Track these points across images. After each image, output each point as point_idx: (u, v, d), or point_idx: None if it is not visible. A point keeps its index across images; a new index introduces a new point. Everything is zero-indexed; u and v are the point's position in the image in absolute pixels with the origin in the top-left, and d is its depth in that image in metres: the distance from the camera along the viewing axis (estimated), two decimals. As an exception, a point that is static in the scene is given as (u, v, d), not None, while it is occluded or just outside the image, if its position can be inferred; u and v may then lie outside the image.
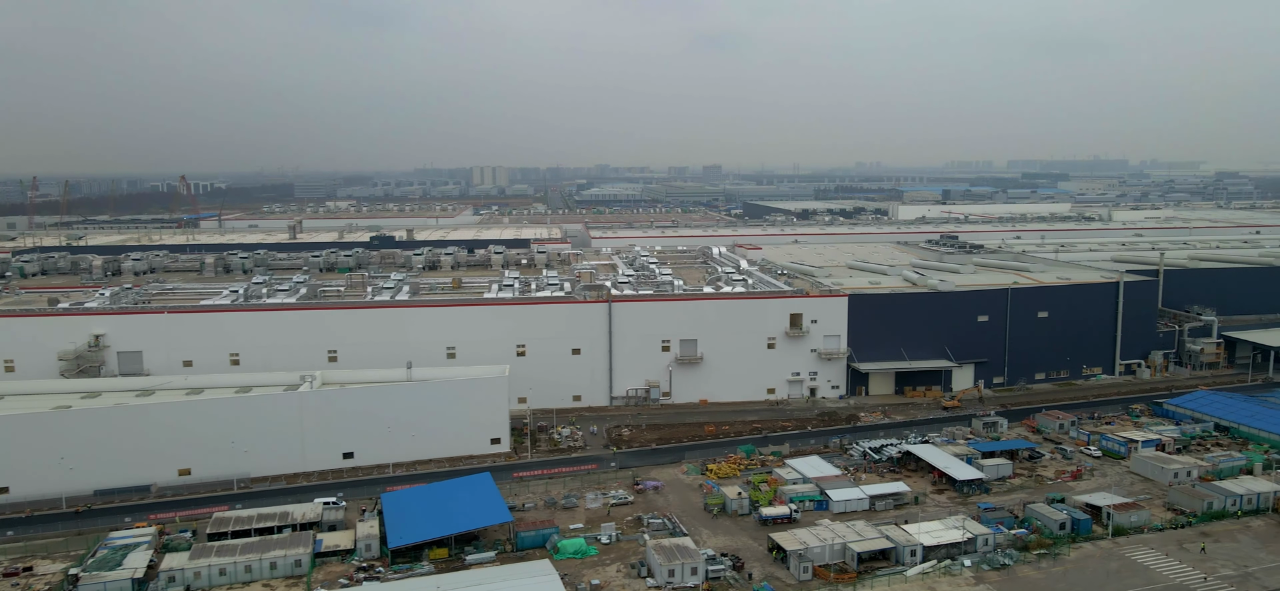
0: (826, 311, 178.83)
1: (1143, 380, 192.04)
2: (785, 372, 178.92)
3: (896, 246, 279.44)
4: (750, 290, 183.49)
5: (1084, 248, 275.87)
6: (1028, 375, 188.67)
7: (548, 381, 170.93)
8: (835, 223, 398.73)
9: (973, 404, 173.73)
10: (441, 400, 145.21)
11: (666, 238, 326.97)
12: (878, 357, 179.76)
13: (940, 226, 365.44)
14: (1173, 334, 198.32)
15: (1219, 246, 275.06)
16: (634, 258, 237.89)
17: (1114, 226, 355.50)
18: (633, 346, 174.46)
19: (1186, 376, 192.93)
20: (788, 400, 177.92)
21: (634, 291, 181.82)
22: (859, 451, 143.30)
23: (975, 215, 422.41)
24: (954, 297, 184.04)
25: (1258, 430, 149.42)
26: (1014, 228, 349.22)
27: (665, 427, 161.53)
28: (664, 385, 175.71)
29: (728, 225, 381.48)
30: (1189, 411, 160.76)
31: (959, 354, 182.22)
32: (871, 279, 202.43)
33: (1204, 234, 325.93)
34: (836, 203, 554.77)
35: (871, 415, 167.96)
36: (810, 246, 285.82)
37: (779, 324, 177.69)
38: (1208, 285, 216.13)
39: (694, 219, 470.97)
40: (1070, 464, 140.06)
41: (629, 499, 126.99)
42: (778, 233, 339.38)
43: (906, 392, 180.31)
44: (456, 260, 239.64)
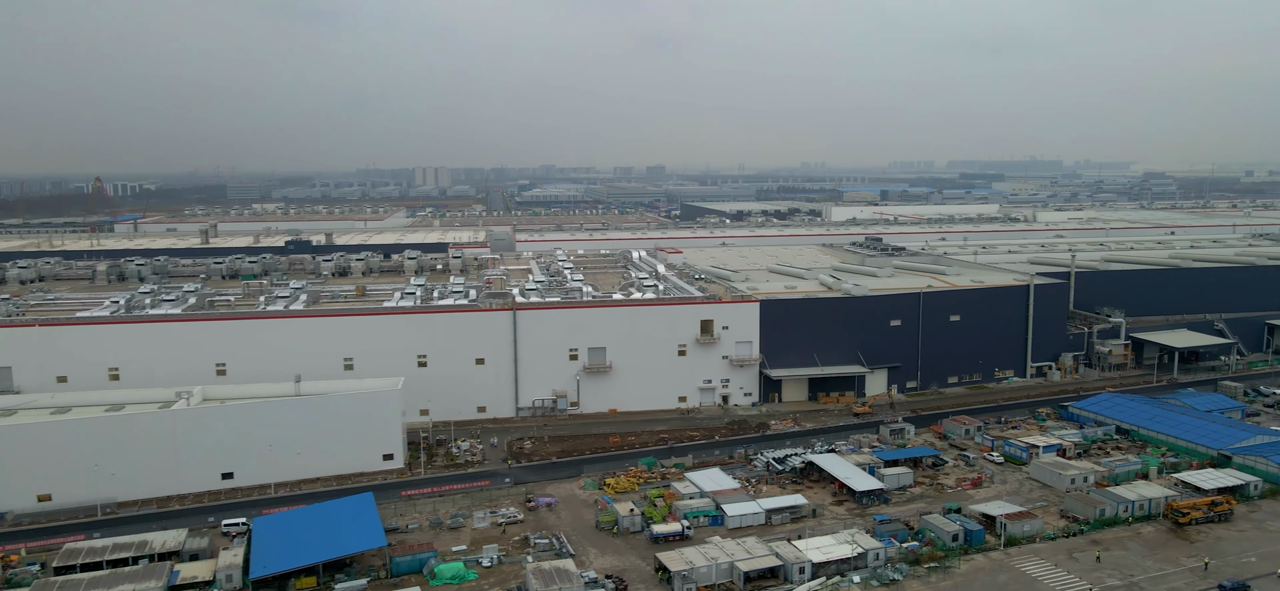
0: (738, 317, 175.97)
1: (1053, 382, 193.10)
2: (697, 380, 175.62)
3: (821, 249, 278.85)
4: (661, 296, 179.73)
5: (1004, 249, 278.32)
6: (941, 379, 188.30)
7: (451, 392, 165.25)
8: (767, 224, 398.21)
9: (883, 409, 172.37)
10: (329, 415, 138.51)
11: (593, 240, 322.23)
12: (791, 364, 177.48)
13: (869, 228, 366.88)
14: (1083, 336, 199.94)
15: (1133, 248, 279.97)
16: (550, 262, 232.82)
17: (1037, 227, 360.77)
18: (539, 355, 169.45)
19: (1095, 378, 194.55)
20: (699, 408, 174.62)
21: (541, 298, 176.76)
22: (763, 462, 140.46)
23: (905, 216, 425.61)
24: (867, 302, 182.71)
25: (1156, 433, 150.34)
26: (940, 229, 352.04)
27: (570, 439, 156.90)
28: (572, 395, 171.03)
29: (659, 227, 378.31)
30: (1093, 415, 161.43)
31: (872, 359, 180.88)
32: (788, 283, 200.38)
33: (1121, 235, 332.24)
34: (771, 204, 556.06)
35: (782, 423, 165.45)
36: (736, 249, 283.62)
37: (690, 331, 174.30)
38: (1118, 286, 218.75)
39: (629, 220, 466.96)
40: (973, 471, 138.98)
41: (519, 517, 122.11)
42: (707, 235, 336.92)
43: (820, 399, 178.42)
44: (368, 266, 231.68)
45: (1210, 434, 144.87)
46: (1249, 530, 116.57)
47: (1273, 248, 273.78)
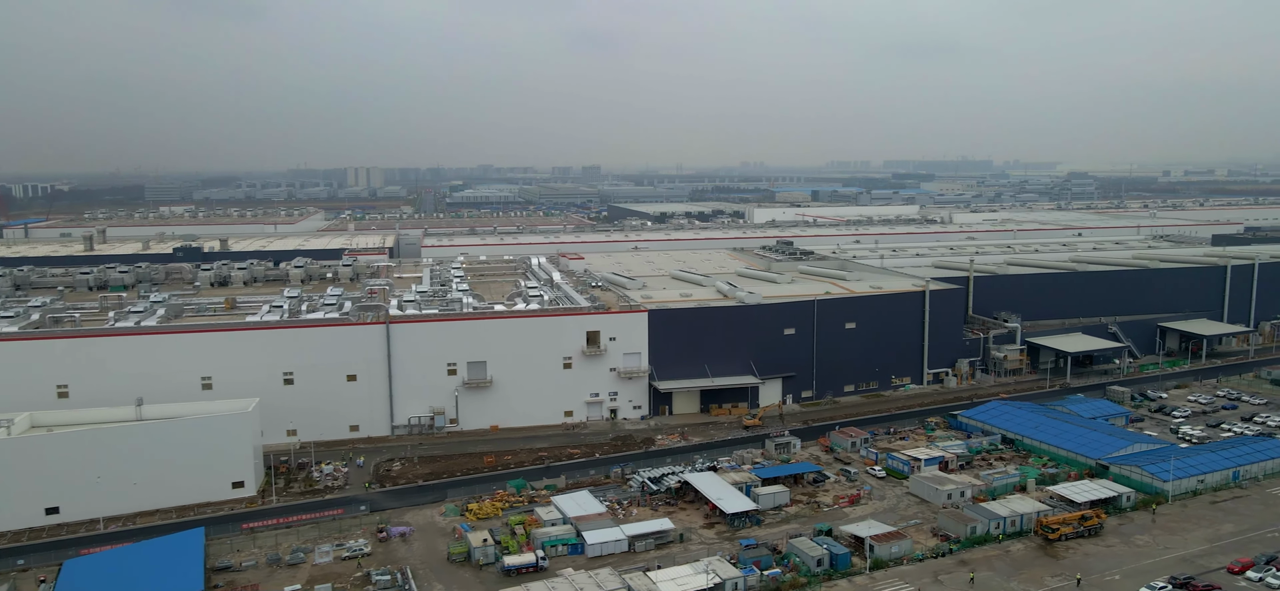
0: (626, 328, 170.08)
1: (950, 389, 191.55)
2: (584, 394, 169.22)
3: (732, 253, 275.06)
4: (546, 307, 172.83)
5: (914, 252, 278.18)
6: (836, 387, 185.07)
7: (320, 411, 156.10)
8: (686, 227, 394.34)
9: (774, 422, 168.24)
10: (172, 442, 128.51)
11: (504, 244, 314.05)
12: (681, 375, 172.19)
13: (788, 230, 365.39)
14: (979, 341, 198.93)
15: (1038, 250, 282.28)
16: (443, 270, 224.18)
17: (951, 229, 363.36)
18: (415, 371, 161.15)
19: (991, 384, 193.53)
20: (586, 423, 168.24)
21: (419, 310, 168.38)
22: (638, 482, 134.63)
23: (825, 218, 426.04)
24: (760, 310, 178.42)
25: (1038, 442, 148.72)
26: (857, 232, 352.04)
27: (442, 460, 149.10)
28: (451, 411, 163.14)
29: (576, 231, 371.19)
30: (980, 424, 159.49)
31: (765, 368, 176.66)
32: (685, 291, 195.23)
33: (1030, 237, 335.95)
34: (697, 205, 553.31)
35: (669, 437, 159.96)
36: (645, 255, 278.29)
37: (576, 342, 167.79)
38: (1016, 291, 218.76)
39: (552, 222, 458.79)
40: (853, 486, 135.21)
41: (367, 550, 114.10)
42: (622, 239, 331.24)
43: (712, 411, 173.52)
44: (253, 274, 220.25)
45: (1090, 443, 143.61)
46: (1117, 545, 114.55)
47: (1170, 249, 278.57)
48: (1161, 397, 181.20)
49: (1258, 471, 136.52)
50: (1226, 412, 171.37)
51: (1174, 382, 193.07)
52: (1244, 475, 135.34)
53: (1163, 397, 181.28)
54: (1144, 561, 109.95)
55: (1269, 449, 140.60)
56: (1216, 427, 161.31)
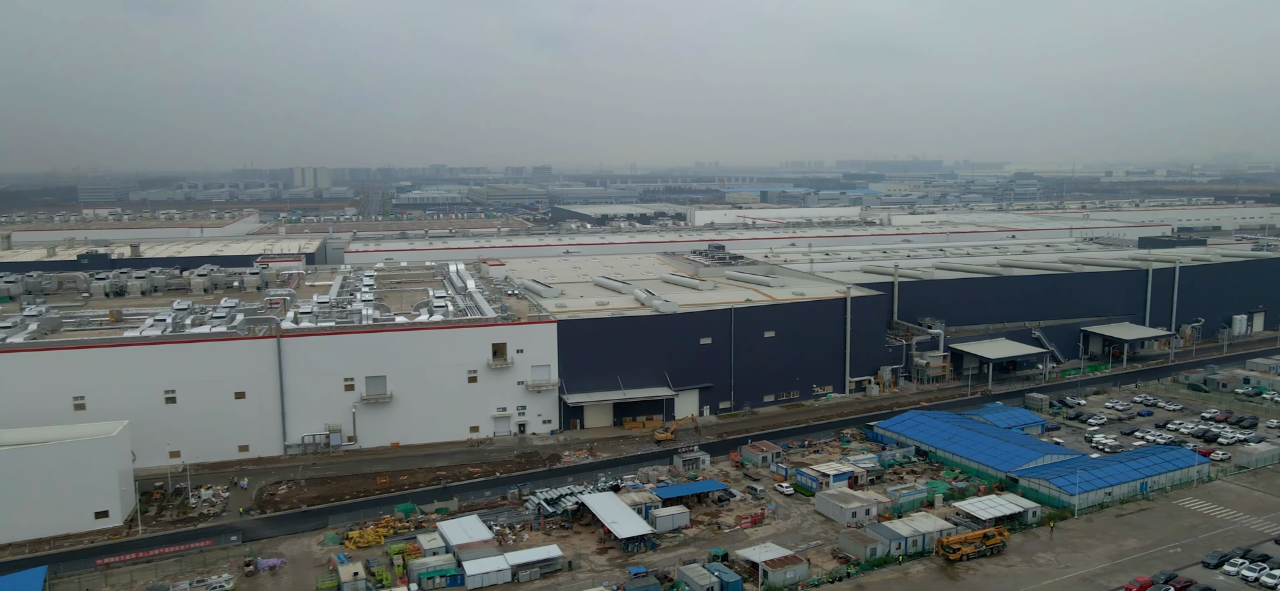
0: (534, 340, 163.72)
1: (872, 397, 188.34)
2: (490, 408, 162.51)
3: (662, 257, 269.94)
4: (451, 318, 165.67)
5: (846, 255, 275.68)
6: (756, 398, 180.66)
7: (206, 431, 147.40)
8: (625, 229, 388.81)
9: (688, 435, 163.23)
10: (26, 470, 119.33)
11: (433, 249, 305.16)
12: (592, 388, 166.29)
13: (727, 233, 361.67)
14: (901, 348, 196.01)
15: (970, 253, 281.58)
16: (353, 279, 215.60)
17: (888, 232, 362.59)
18: (310, 387, 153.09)
19: (913, 392, 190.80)
20: (492, 439, 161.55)
21: (315, 323, 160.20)
22: (534, 504, 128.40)
23: (765, 220, 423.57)
24: (675, 320, 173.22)
25: (951, 454, 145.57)
26: (794, 234, 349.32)
27: (334, 481, 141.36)
28: (348, 429, 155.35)
29: (510, 233, 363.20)
30: (895, 435, 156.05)
31: (681, 379, 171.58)
32: (603, 299, 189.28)
33: (964, 239, 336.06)
34: (640, 207, 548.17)
35: (577, 453, 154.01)
36: (574, 260, 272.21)
37: (481, 355, 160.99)
38: (942, 296, 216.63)
39: (490, 225, 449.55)
40: (759, 504, 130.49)
41: (229, 586, 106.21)
42: (555, 243, 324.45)
43: (625, 424, 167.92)
44: (153, 283, 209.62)
45: (1001, 455, 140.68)
46: (1018, 565, 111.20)
47: (1098, 252, 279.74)
48: (1080, 404, 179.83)
49: (1165, 482, 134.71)
50: (1141, 419, 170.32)
51: (1093, 388, 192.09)
52: (1152, 486, 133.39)
53: (1081, 404, 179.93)
54: (1043, 582, 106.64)
55: (1177, 458, 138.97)
56: (1130, 435, 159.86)
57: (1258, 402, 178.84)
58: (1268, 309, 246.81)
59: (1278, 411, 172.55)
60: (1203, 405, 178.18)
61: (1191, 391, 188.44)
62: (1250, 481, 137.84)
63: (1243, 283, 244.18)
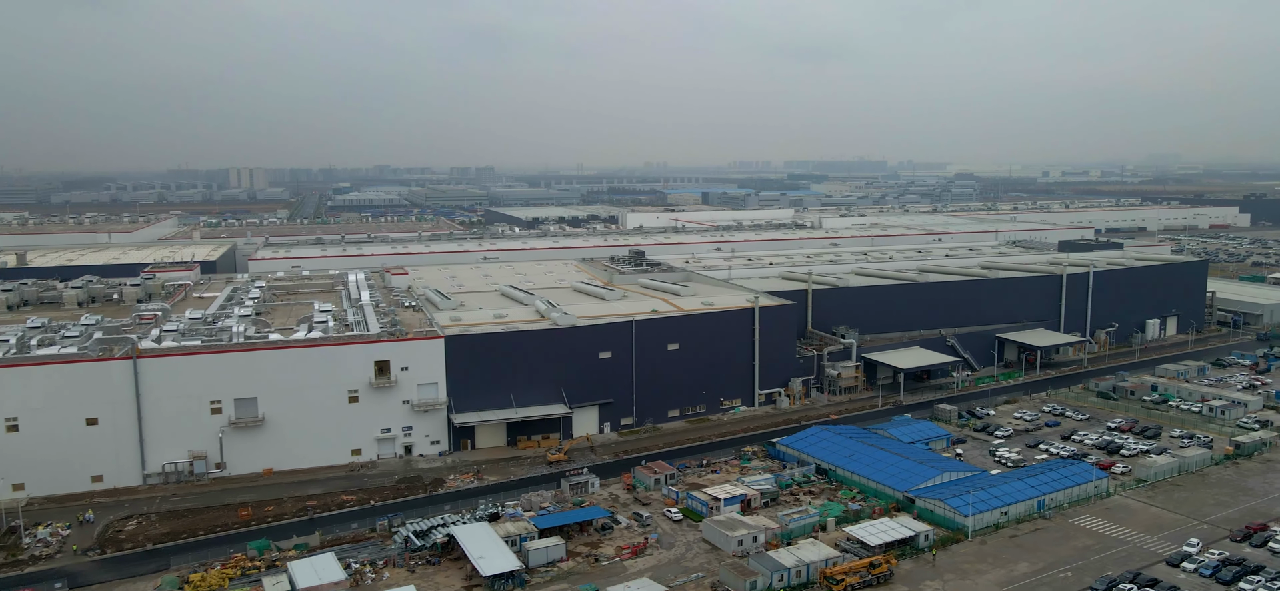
0: (420, 356, 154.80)
1: (782, 410, 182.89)
2: (374, 429, 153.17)
3: (579, 264, 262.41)
4: (329, 334, 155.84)
5: (769, 260, 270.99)
6: (660, 413, 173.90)
7: (53, 462, 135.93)
8: (558, 233, 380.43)
9: (582, 454, 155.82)
10: None
11: (345, 257, 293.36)
12: (483, 406, 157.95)
13: (655, 237, 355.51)
14: (812, 359, 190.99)
15: (893, 258, 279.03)
16: (241, 290, 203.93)
17: (817, 235, 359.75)
18: (172, 410, 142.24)
19: (824, 404, 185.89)
20: (375, 462, 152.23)
21: (180, 341, 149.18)
22: (402, 537, 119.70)
23: (696, 223, 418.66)
24: (572, 333, 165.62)
25: (851, 473, 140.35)
26: (721, 238, 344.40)
27: (192, 514, 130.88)
28: (215, 455, 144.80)
29: (431, 238, 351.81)
30: (796, 453, 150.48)
31: (578, 395, 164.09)
32: (501, 311, 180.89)
33: (889, 244, 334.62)
34: (573, 209, 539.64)
35: (463, 477, 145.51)
36: (487, 267, 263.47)
37: (363, 373, 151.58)
38: (857, 303, 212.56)
39: (411, 229, 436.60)
40: (644, 532, 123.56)
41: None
42: (475, 248, 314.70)
43: (519, 444, 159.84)
44: (22, 296, 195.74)
45: (900, 473, 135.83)
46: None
47: (1019, 256, 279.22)
48: (989, 415, 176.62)
49: (1063, 499, 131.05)
50: (1048, 430, 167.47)
51: (1004, 398, 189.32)
52: (1049, 504, 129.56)
53: (990, 415, 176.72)
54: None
55: (1075, 473, 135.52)
56: (1035, 448, 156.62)
57: (1163, 410, 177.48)
58: (1180, 313, 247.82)
59: (1182, 419, 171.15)
60: (1110, 414, 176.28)
61: (1100, 399, 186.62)
62: (1149, 495, 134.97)
63: (1156, 287, 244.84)
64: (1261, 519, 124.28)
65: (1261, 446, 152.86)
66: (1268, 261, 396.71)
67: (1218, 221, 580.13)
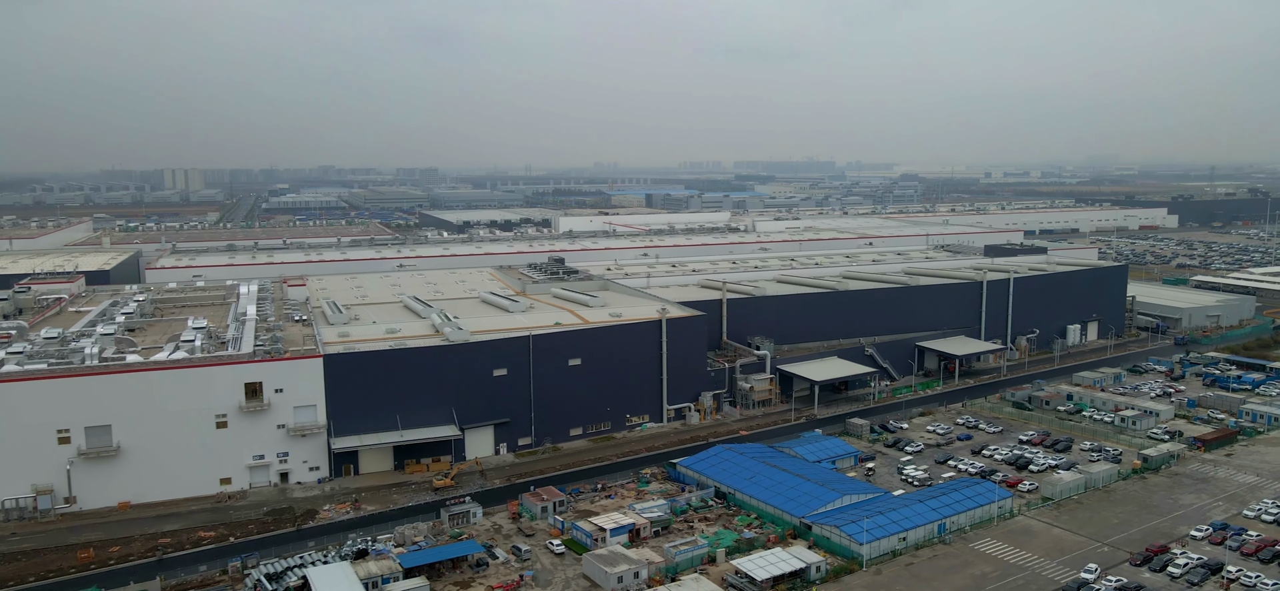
0: (297, 376, 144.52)
1: (692, 426, 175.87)
2: (245, 457, 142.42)
3: (494, 272, 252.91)
4: (195, 356, 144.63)
5: (693, 266, 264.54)
6: (560, 432, 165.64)
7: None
8: (488, 238, 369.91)
9: (472, 479, 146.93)
10: None
11: (256, 265, 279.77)
12: (367, 428, 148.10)
13: (583, 242, 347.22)
14: (723, 372, 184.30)
15: (820, 263, 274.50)
16: (117, 305, 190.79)
17: (748, 240, 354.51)
18: (12, 440, 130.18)
19: (736, 419, 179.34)
20: (246, 492, 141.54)
21: (23, 364, 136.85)
22: (253, 580, 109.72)
23: (628, 227, 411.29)
24: (464, 350, 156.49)
25: (751, 497, 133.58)
26: (649, 244, 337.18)
27: (26, 558, 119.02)
28: (64, 488, 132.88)
29: (351, 245, 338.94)
30: (696, 475, 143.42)
31: (472, 415, 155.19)
32: (394, 326, 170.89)
33: (817, 249, 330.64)
34: (505, 213, 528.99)
35: (340, 507, 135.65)
36: (398, 276, 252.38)
37: (232, 397, 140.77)
38: (774, 313, 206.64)
39: (330, 234, 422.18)
40: (524, 566, 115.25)
41: None
42: (393, 255, 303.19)
43: (408, 468, 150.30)
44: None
45: (800, 496, 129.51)
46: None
47: (946, 261, 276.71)
48: (902, 428, 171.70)
49: (965, 521, 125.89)
50: (960, 444, 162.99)
51: (919, 410, 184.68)
52: (951, 527, 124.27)
53: (903, 428, 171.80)
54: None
55: (979, 494, 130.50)
56: (944, 464, 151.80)
57: (1077, 421, 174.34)
58: (1101, 318, 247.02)
59: (1094, 430, 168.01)
60: (1024, 425, 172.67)
61: (1016, 410, 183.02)
62: (1053, 515, 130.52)
63: (1077, 292, 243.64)
64: (1162, 540, 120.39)
65: (1169, 459, 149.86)
66: (1192, 263, 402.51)
67: (1147, 223, 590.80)
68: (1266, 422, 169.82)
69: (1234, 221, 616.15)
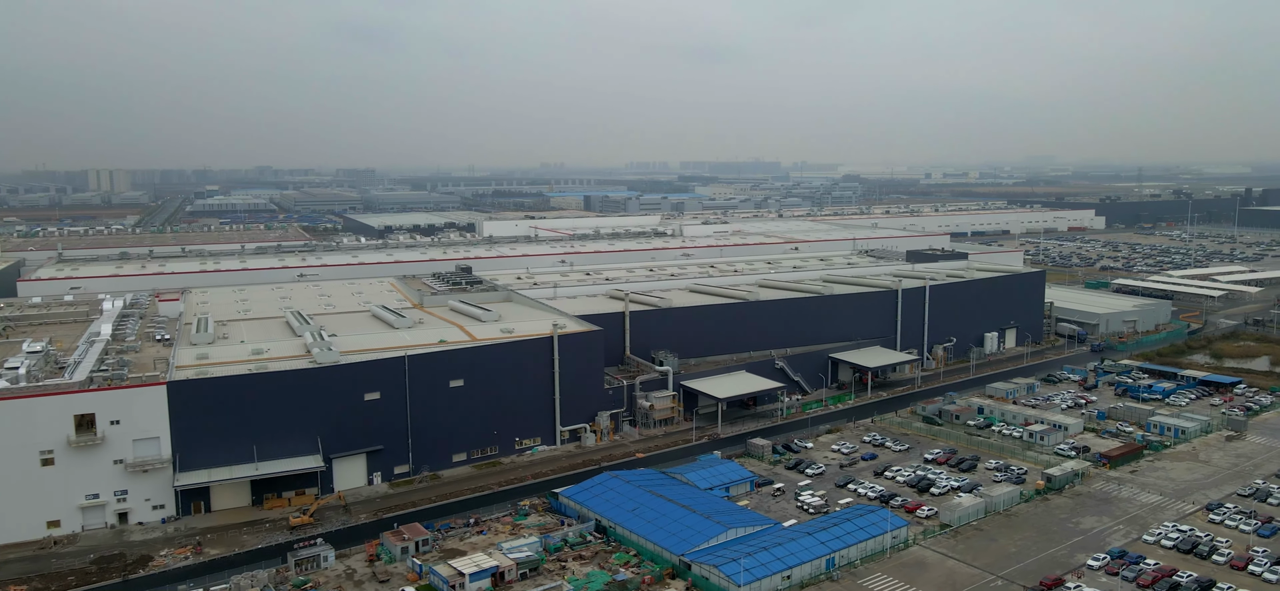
0: (138, 407, 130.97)
1: (588, 448, 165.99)
2: (77, 496, 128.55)
3: (396, 283, 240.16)
4: (15, 385, 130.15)
5: (607, 274, 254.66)
6: (442, 459, 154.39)
7: None
8: (402, 246, 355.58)
9: (336, 514, 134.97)
10: None
11: (145, 276, 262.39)
12: (219, 461, 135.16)
13: (501, 249, 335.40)
14: (621, 390, 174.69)
15: (738, 270, 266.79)
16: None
17: (672, 245, 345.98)
18: None
19: (635, 440, 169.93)
20: (78, 535, 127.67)
21: None
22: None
23: (552, 232, 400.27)
24: (330, 374, 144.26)
25: (632, 532, 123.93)
26: (569, 250, 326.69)
27: None
28: None
29: (256, 253, 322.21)
30: (578, 506, 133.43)
31: (340, 443, 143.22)
32: (260, 347, 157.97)
33: (739, 254, 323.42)
34: (429, 217, 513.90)
35: (179, 551, 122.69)
36: (294, 289, 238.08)
37: (59, 431, 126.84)
38: (681, 325, 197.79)
39: (265, 238, 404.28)
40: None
41: None
42: (297, 263, 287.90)
43: (267, 504, 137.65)
44: None
45: (683, 531, 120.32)
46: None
47: (867, 268, 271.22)
48: (806, 448, 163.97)
49: (856, 554, 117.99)
50: (863, 465, 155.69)
51: (827, 426, 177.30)
52: (840, 561, 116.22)
53: (807, 448, 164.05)
54: None
55: (872, 523, 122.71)
56: (844, 487, 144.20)
57: (986, 437, 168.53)
58: (1019, 325, 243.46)
59: (1002, 447, 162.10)
60: (933, 442, 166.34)
61: (926, 425, 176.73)
62: (950, 544, 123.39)
63: (994, 298, 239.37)
64: (1058, 572, 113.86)
65: (1074, 478, 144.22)
66: (1115, 266, 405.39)
67: (1076, 225, 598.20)
68: (1174, 435, 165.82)
69: (1159, 223, 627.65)
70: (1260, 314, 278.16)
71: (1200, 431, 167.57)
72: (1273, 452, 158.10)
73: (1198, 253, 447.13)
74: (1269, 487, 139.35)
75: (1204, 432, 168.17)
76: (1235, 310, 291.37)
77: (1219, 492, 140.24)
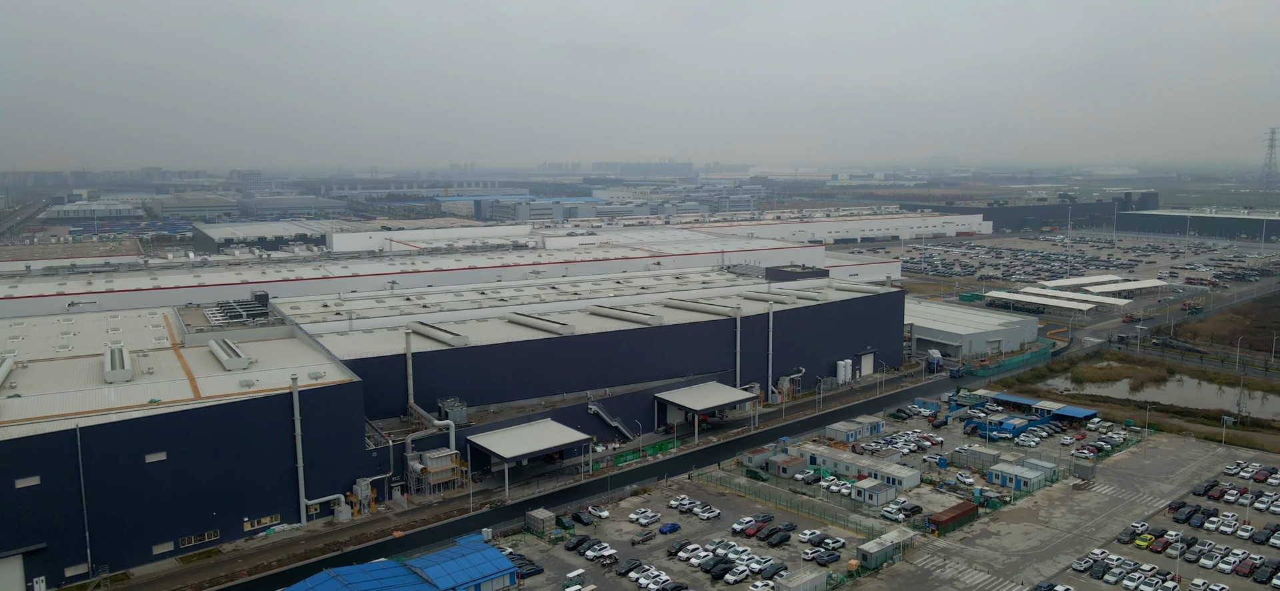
0: None
1: (340, 525, 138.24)
2: None
3: (185, 310, 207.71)
4: None
5: (426, 300, 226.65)
6: (138, 552, 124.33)
7: None
8: (233, 265, 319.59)
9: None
10: None
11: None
12: None
13: (348, 264, 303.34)
14: (387, 451, 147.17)
15: (577, 293, 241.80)
16: None
17: (526, 260, 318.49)
18: None
19: (403, 511, 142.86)
20: None
21: None
22: None
23: (405, 245, 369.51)
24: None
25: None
26: (402, 270, 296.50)
27: None
28: None
29: (23, 278, 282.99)
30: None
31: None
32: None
33: (588, 271, 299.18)
34: (275, 227, 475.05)
35: None
36: (59, 321, 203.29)
37: None
38: (480, 366, 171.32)
39: (96, 250, 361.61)
40: None
41: None
42: (81, 289, 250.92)
43: None
44: None
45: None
46: None
47: (721, 288, 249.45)
48: (600, 517, 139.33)
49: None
50: (660, 539, 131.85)
51: (634, 487, 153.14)
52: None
53: (602, 518, 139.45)
54: None
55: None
56: (626, 575, 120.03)
57: (813, 492, 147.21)
58: (877, 350, 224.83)
59: (826, 509, 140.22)
60: (750, 504, 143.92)
61: (749, 480, 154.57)
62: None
63: (849, 322, 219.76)
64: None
65: (893, 555, 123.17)
66: (995, 275, 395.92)
67: (964, 229, 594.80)
68: (1016, 486, 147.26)
69: (1043, 227, 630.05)
70: (1125, 330, 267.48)
71: (1044, 482, 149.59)
72: (1117, 507, 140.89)
73: (1077, 259, 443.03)
74: (1107, 559, 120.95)
75: (1049, 482, 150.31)
76: (1102, 325, 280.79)
77: (1053, 566, 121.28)
